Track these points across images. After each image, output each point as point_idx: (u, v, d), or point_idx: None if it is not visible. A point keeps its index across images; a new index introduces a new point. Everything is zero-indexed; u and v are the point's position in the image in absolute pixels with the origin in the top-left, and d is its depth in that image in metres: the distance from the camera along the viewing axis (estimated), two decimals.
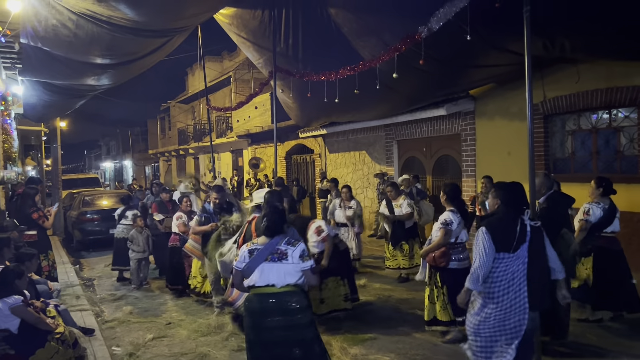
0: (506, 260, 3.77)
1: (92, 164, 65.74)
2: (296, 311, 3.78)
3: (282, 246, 3.82)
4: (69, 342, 4.81)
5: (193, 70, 30.41)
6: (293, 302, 3.78)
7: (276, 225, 3.92)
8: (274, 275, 3.77)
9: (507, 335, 3.77)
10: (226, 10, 8.15)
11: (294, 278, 3.78)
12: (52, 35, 6.39)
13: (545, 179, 5.38)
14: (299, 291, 3.84)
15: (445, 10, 5.20)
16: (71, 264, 10.53)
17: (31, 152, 21.90)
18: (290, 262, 3.77)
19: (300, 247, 3.84)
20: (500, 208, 3.96)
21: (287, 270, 3.77)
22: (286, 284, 3.77)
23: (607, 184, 5.70)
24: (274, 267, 3.78)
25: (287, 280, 3.77)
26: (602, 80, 7.64)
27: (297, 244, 3.86)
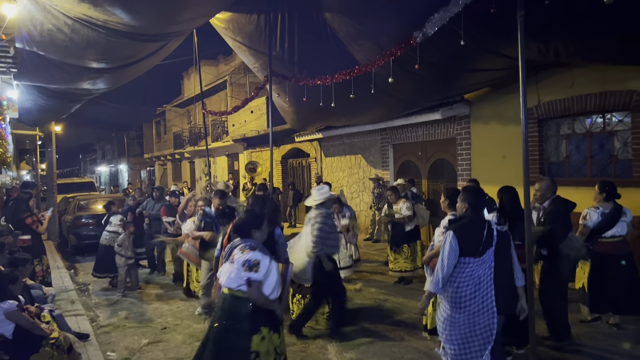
0: (472, 265, 3.77)
1: (88, 168, 65.55)
2: (234, 316, 3.64)
3: (236, 250, 3.73)
4: (64, 347, 4.79)
5: (189, 74, 30.40)
6: (234, 306, 3.65)
7: (241, 227, 3.86)
8: (223, 276, 3.76)
9: (478, 338, 3.77)
10: (222, 14, 8.15)
11: (234, 283, 3.64)
12: (47, 40, 6.38)
13: (551, 183, 5.42)
14: (245, 298, 3.63)
15: (440, 15, 5.23)
16: (66, 268, 10.48)
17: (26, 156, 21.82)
18: (235, 267, 3.65)
19: (247, 255, 3.63)
20: (468, 212, 3.98)
21: (231, 274, 3.67)
22: (228, 286, 3.68)
23: (610, 189, 5.72)
24: (225, 267, 3.77)
25: (228, 283, 3.67)
26: (596, 84, 7.68)
27: (247, 251, 3.66)
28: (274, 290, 3.71)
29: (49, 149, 16.87)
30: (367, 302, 7.20)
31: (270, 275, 3.65)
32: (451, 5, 5.02)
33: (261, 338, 3.62)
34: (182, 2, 6.12)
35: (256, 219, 3.95)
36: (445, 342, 3.90)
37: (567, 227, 5.28)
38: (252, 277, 3.58)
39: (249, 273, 3.58)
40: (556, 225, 5.21)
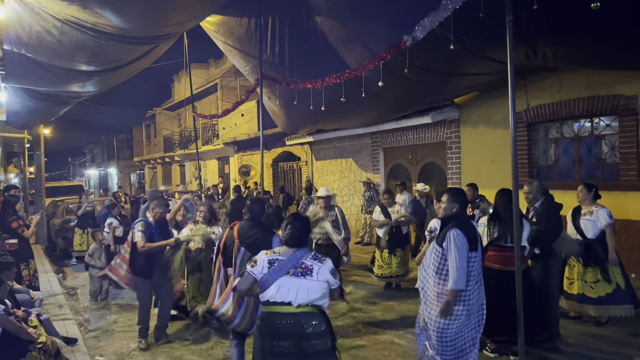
0: (475, 259, 4.04)
1: (77, 171, 65.01)
2: (313, 336, 3.29)
3: (308, 260, 3.37)
4: (51, 352, 4.73)
5: (179, 77, 30.31)
6: (311, 325, 3.30)
7: (302, 235, 3.48)
8: (293, 292, 3.30)
9: (470, 330, 4.02)
10: (212, 17, 8.15)
11: (315, 296, 3.31)
12: (36, 42, 6.34)
13: (540, 186, 5.55)
14: (318, 313, 3.35)
15: (429, 20, 5.25)
16: (54, 272, 10.38)
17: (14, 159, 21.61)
18: (315, 280, 3.31)
19: (328, 263, 3.40)
20: (458, 211, 4.20)
21: (311, 288, 3.30)
22: (306, 303, 3.30)
23: (596, 189, 5.88)
24: (296, 282, 3.31)
25: (309, 298, 3.30)
26: (583, 89, 7.77)
27: (324, 260, 3.41)
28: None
29: (38, 152, 16.71)
30: (358, 305, 7.20)
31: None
32: (441, 10, 5.05)
33: (338, 353, 3.46)
34: (172, 5, 6.12)
35: (308, 223, 3.68)
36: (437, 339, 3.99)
37: (559, 226, 5.37)
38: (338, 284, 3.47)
39: (336, 279, 3.43)
40: (549, 224, 5.27)
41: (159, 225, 5.82)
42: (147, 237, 5.64)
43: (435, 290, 4.07)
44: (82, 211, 11.67)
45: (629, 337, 5.53)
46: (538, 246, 5.27)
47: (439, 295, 4.02)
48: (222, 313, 4.36)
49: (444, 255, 4.04)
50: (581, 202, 5.89)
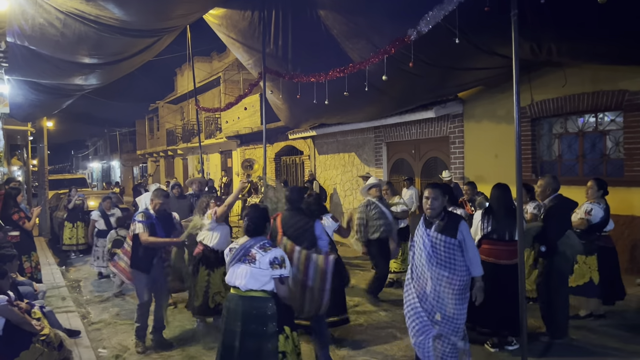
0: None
1: (80, 164, 65.14)
2: (257, 318, 3.58)
3: (255, 249, 3.63)
4: (54, 344, 4.76)
5: (182, 70, 30.27)
6: (255, 307, 3.59)
7: (255, 225, 3.74)
8: (240, 277, 3.63)
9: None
10: (215, 10, 8.12)
11: (259, 283, 3.58)
12: (39, 34, 6.33)
13: (552, 181, 5.48)
14: (266, 297, 3.61)
15: (434, 14, 5.22)
16: (57, 265, 10.42)
17: (17, 152, 21.65)
18: (257, 267, 3.58)
19: (272, 253, 3.61)
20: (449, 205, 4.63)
21: (254, 274, 3.58)
22: (249, 288, 3.60)
23: (605, 185, 5.86)
24: (244, 269, 3.63)
25: (250, 284, 3.59)
26: (588, 84, 7.72)
27: (269, 249, 3.64)
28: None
29: (41, 145, 16.73)
30: (359, 300, 7.21)
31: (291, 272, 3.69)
32: (445, 4, 5.02)
33: (285, 337, 3.61)
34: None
35: (266, 212, 3.90)
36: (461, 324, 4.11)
37: (566, 224, 5.33)
38: (284, 274, 3.59)
39: (280, 270, 3.57)
40: (554, 222, 5.25)
41: (161, 217, 5.58)
42: (149, 229, 5.41)
43: (448, 281, 4.03)
44: (72, 205, 11.66)
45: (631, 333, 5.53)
46: (543, 244, 5.25)
47: (453, 284, 4.02)
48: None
49: (455, 246, 4.07)
50: (588, 198, 5.86)
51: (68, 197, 12.12)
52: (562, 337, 5.27)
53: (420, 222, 4.26)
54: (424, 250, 4.10)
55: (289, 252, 4.48)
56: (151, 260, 5.51)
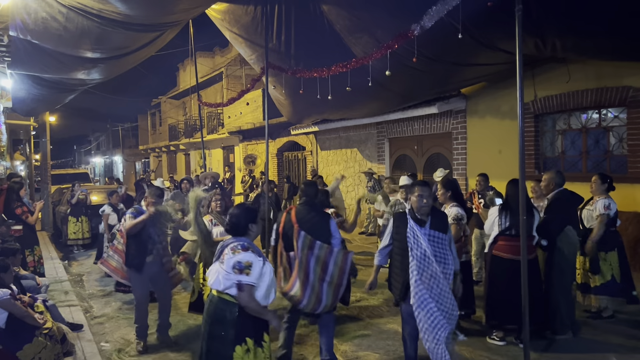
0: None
1: (82, 159, 65.26)
2: (219, 322, 3.34)
3: (227, 249, 3.39)
4: (57, 338, 4.77)
5: (184, 65, 30.24)
6: (220, 310, 3.35)
7: (232, 225, 3.49)
8: (211, 276, 3.44)
9: None
10: (218, 5, 8.10)
11: (222, 286, 3.33)
12: (41, 28, 6.31)
13: (556, 175, 5.44)
14: (233, 302, 3.31)
15: (437, 8, 5.20)
16: (60, 259, 10.44)
17: (20, 146, 21.68)
18: (224, 269, 3.32)
19: (238, 256, 3.29)
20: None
21: (220, 275, 3.35)
22: (216, 288, 3.38)
23: (610, 180, 5.79)
24: (215, 266, 3.45)
25: (216, 284, 3.36)
26: (592, 80, 7.69)
27: (238, 252, 3.31)
28: (267, 296, 3.38)
29: (43, 140, 16.76)
30: (360, 295, 7.21)
31: (263, 278, 3.33)
32: None
33: (245, 350, 3.31)
34: None
35: (251, 211, 3.59)
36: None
37: (565, 220, 5.30)
38: (244, 281, 3.26)
39: (239, 276, 3.25)
40: (554, 217, 5.24)
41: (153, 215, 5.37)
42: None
43: (446, 277, 4.06)
44: (75, 199, 11.71)
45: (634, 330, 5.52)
46: (544, 238, 5.25)
47: (448, 279, 4.07)
48: (293, 294, 4.56)
49: (446, 242, 4.16)
50: (593, 193, 5.82)
51: (71, 192, 12.17)
52: (564, 333, 5.26)
53: (409, 221, 4.12)
54: (428, 248, 4.04)
55: (308, 246, 4.49)
56: (143, 257, 5.30)
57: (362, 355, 5.11)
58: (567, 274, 5.35)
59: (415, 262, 4.04)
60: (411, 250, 4.06)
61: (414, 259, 4.05)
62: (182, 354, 5.34)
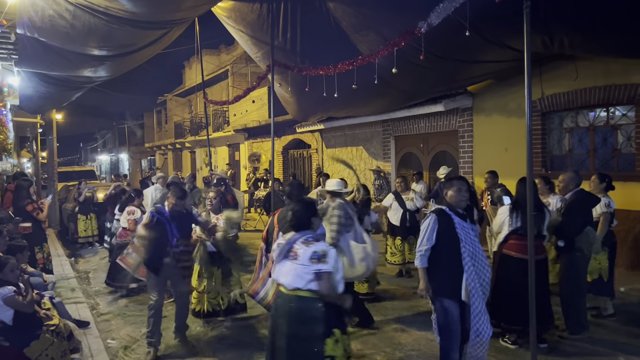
0: None
1: (88, 156, 65.49)
2: (303, 319, 3.33)
3: (298, 244, 3.40)
4: (64, 335, 4.79)
5: (190, 63, 30.26)
6: (302, 308, 3.33)
7: (297, 219, 3.50)
8: (284, 275, 3.42)
9: None
10: (224, 3, 8.09)
11: (302, 281, 3.32)
12: (48, 26, 6.33)
13: (575, 176, 5.39)
14: (312, 297, 3.33)
15: (444, 6, 5.18)
16: (66, 256, 10.49)
17: (27, 144, 21.78)
18: (300, 263, 3.33)
19: (313, 247, 3.34)
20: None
21: (297, 272, 3.34)
22: (294, 287, 3.35)
23: (609, 180, 5.75)
24: (286, 266, 3.42)
25: (294, 283, 3.34)
26: (600, 77, 7.64)
27: (311, 243, 3.36)
28: (340, 284, 3.44)
29: (50, 137, 16.83)
30: None
31: (338, 267, 3.41)
32: None
33: (335, 341, 3.34)
34: None
35: (312, 205, 3.61)
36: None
37: (585, 221, 5.25)
38: (323, 269, 3.29)
39: (318, 265, 3.29)
40: (574, 218, 5.18)
41: (176, 217, 5.17)
42: (154, 223, 5.05)
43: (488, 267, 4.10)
44: (82, 197, 11.80)
45: None
46: (561, 239, 5.21)
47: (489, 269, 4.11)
48: (261, 298, 4.47)
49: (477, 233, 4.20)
50: (592, 191, 5.80)
51: (78, 189, 12.24)
52: (581, 333, 5.21)
53: (453, 217, 4.03)
54: (476, 242, 4.03)
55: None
56: (160, 260, 5.12)
57: (369, 354, 5.11)
58: (584, 273, 5.32)
59: (469, 259, 3.94)
60: (463, 246, 3.96)
61: (466, 255, 3.95)
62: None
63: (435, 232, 4.05)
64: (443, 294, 4.04)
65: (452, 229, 4.00)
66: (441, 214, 4.08)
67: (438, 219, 4.06)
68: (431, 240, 4.05)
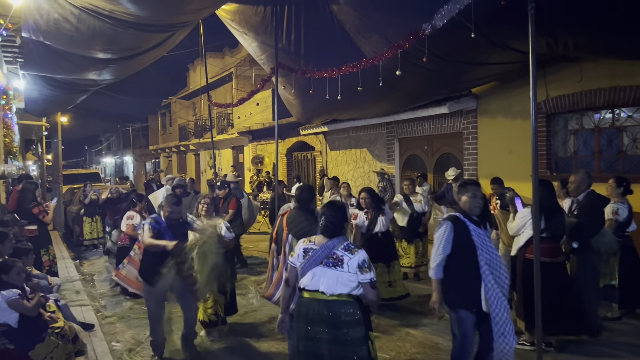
0: None
1: (93, 159, 65.75)
2: (346, 324, 3.33)
3: (339, 251, 3.38)
4: (69, 337, 4.80)
5: (194, 66, 30.37)
6: (344, 313, 3.34)
7: (335, 225, 3.46)
8: (325, 282, 3.36)
9: None
10: (228, 6, 8.11)
11: (347, 288, 3.34)
12: (53, 30, 6.36)
13: (587, 177, 5.35)
14: (353, 302, 3.37)
15: (449, 7, 5.17)
16: (71, 259, 10.51)
17: (32, 146, 21.87)
18: (346, 271, 3.33)
19: (359, 255, 3.36)
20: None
21: (341, 279, 3.34)
22: (338, 293, 3.35)
23: (627, 184, 5.70)
24: (327, 272, 3.37)
25: (339, 289, 3.34)
26: (605, 79, 7.60)
27: (356, 251, 3.38)
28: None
29: (55, 140, 16.90)
30: None
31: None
32: None
33: (371, 343, 3.42)
34: None
35: (343, 210, 3.57)
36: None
37: (600, 221, 5.22)
38: (374, 278, 3.36)
39: (370, 274, 3.33)
40: (590, 219, 5.14)
41: (173, 225, 5.06)
42: (155, 234, 4.91)
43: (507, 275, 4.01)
44: (88, 200, 11.85)
45: None
46: (576, 240, 5.16)
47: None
48: (277, 299, 4.50)
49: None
50: (610, 196, 5.76)
51: (83, 192, 12.29)
52: (596, 335, 5.17)
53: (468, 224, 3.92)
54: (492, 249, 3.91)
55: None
56: (155, 271, 4.87)
57: None
58: (599, 275, 5.29)
59: (487, 267, 3.83)
60: (480, 254, 3.85)
61: (484, 263, 3.84)
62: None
63: (451, 241, 3.92)
64: (458, 305, 3.95)
65: (468, 236, 3.88)
66: (456, 222, 3.95)
67: (453, 226, 3.93)
68: (447, 249, 3.93)
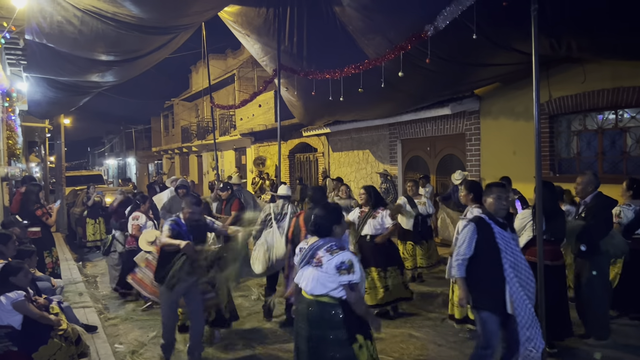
0: None
1: (96, 161, 65.86)
2: (327, 324, 3.33)
3: (321, 251, 3.36)
4: (72, 339, 4.80)
5: (197, 68, 30.40)
6: (325, 313, 3.34)
7: (320, 226, 3.46)
8: (306, 281, 3.41)
9: None
10: (231, 7, 8.13)
11: (325, 289, 3.32)
12: (57, 32, 6.38)
13: (594, 178, 5.29)
14: (334, 304, 3.33)
15: (451, 9, 5.17)
16: (74, 261, 10.53)
17: (35, 148, 21.93)
18: (324, 272, 3.31)
19: (339, 257, 3.30)
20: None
21: (320, 279, 3.33)
22: (317, 293, 3.35)
23: (637, 186, 5.63)
24: (311, 272, 3.39)
25: (318, 289, 3.34)
26: (608, 80, 7.59)
27: (336, 252, 3.32)
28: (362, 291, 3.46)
29: (58, 142, 16.94)
30: None
31: (363, 276, 3.41)
32: None
33: (359, 347, 3.34)
34: None
35: (336, 213, 3.55)
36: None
37: (609, 223, 5.17)
38: (353, 280, 3.28)
39: (348, 276, 3.26)
40: (598, 221, 5.07)
41: (193, 227, 4.94)
42: (174, 236, 4.77)
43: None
44: (91, 202, 11.87)
45: None
46: (584, 243, 5.10)
47: None
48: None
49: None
50: (622, 197, 5.74)
51: (87, 194, 12.32)
52: (605, 339, 5.12)
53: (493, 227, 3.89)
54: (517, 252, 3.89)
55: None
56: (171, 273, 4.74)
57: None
58: (608, 277, 5.25)
59: (511, 269, 3.80)
60: (504, 257, 3.80)
61: (508, 266, 3.80)
62: None
63: (475, 242, 3.90)
64: (482, 306, 3.93)
65: (492, 239, 3.85)
66: (480, 223, 3.93)
67: (477, 228, 3.91)
68: (470, 250, 3.91)
